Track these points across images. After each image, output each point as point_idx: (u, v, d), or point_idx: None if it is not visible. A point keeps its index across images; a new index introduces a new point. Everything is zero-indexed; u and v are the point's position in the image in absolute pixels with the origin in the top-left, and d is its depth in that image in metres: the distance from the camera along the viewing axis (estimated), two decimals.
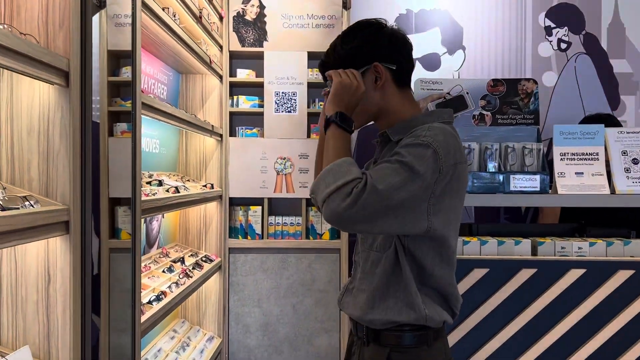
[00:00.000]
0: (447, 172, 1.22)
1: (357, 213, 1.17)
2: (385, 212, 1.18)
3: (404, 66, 1.37)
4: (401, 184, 1.18)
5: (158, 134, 2.85)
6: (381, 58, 1.35)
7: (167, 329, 3.01)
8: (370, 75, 1.35)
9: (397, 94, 1.37)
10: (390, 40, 1.36)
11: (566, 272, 1.83)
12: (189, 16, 2.55)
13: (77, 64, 1.34)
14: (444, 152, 1.22)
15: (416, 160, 1.19)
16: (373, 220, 1.18)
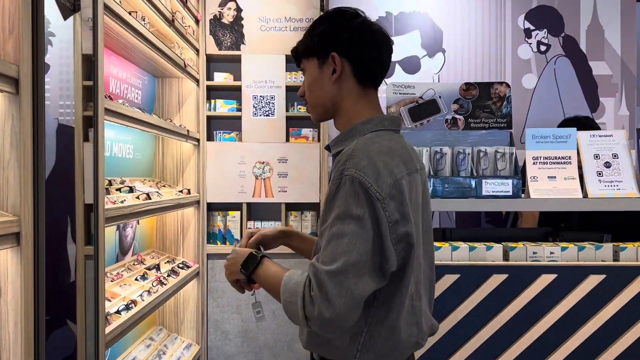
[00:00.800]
0: (390, 194, 1.14)
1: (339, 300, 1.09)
2: (357, 272, 1.10)
3: (365, 62, 1.27)
4: (351, 245, 1.10)
5: (132, 139, 2.81)
6: (339, 49, 1.26)
7: (144, 336, 2.97)
8: (328, 65, 1.28)
9: (354, 91, 1.29)
10: (353, 32, 1.26)
11: (537, 277, 1.82)
12: (160, 20, 2.52)
13: (28, 71, 1.30)
14: (373, 179, 1.13)
15: (350, 206, 1.12)
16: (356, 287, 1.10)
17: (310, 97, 1.33)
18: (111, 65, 2.53)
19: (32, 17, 1.32)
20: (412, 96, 2.15)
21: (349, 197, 1.13)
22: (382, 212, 1.12)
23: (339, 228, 1.12)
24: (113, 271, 2.49)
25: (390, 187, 1.14)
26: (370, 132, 1.25)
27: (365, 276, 1.11)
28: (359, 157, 1.15)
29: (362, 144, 1.19)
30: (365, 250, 1.11)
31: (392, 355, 1.21)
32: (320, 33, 1.30)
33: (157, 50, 2.46)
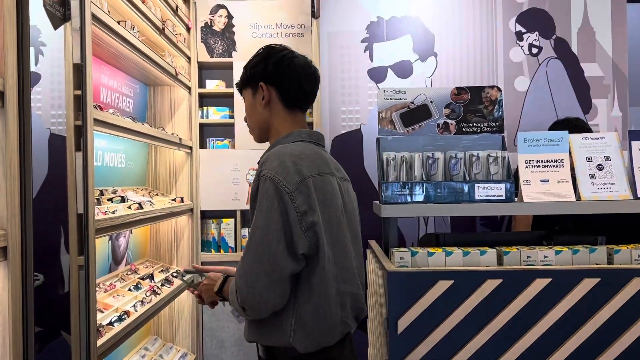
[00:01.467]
0: (298, 189, 1.36)
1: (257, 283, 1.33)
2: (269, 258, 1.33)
3: (287, 89, 1.52)
4: (262, 235, 1.34)
5: (124, 148, 2.79)
6: (266, 79, 1.52)
7: (138, 347, 2.95)
8: (259, 93, 1.53)
9: (282, 114, 1.53)
10: (276, 64, 1.52)
11: (532, 281, 1.80)
12: (150, 28, 2.51)
13: (14, 83, 1.29)
14: (282, 177, 1.35)
15: (262, 202, 1.35)
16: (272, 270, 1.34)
17: (250, 121, 1.59)
18: (102, 75, 2.52)
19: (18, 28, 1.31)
20: (404, 101, 2.14)
21: (264, 193, 1.35)
22: (291, 203, 1.35)
23: (255, 222, 1.35)
24: (106, 282, 2.47)
25: (298, 183, 1.36)
26: (289, 143, 1.49)
27: (277, 258, 1.32)
28: (271, 160, 1.39)
29: (276, 150, 1.44)
30: (276, 237, 1.32)
31: (321, 333, 1.40)
32: (252, 66, 1.56)
33: (147, 59, 2.45)
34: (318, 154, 1.49)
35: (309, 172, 1.40)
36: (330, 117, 3.55)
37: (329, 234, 1.42)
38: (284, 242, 1.34)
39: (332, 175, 1.48)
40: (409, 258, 1.89)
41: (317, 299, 1.39)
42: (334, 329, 1.42)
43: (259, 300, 1.33)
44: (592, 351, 1.81)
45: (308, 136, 1.54)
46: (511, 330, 1.81)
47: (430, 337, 1.81)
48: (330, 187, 1.45)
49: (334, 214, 1.45)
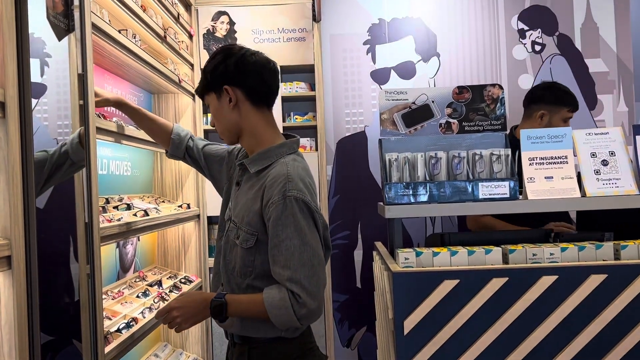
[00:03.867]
0: (318, 205, 1.50)
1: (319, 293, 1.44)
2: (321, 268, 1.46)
3: (255, 88, 1.52)
4: (313, 250, 1.44)
5: (129, 156, 2.81)
6: (229, 81, 1.51)
7: (148, 353, 2.96)
8: (224, 97, 1.52)
9: (254, 114, 1.54)
10: (237, 64, 1.51)
11: (538, 279, 1.79)
12: (152, 36, 2.53)
13: (15, 93, 1.30)
14: (310, 197, 1.46)
15: (300, 220, 1.43)
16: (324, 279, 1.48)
17: (218, 125, 1.58)
18: (105, 84, 2.54)
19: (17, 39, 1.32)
20: (405, 102, 2.14)
21: (297, 213, 1.42)
22: (319, 220, 1.48)
23: (297, 239, 1.42)
24: (114, 289, 2.49)
25: (315, 201, 1.49)
26: (286, 155, 1.54)
27: (324, 268, 1.47)
28: (294, 181, 1.45)
29: (292, 168, 1.48)
30: (320, 250, 1.46)
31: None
32: (211, 70, 1.54)
33: (150, 67, 2.47)
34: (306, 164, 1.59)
35: (315, 190, 1.54)
36: (334, 119, 3.55)
37: None
38: (323, 254, 1.50)
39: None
40: (413, 258, 1.88)
41: None
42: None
43: (318, 306, 1.44)
44: (601, 348, 1.79)
45: (297, 145, 1.61)
46: (518, 329, 1.80)
47: (436, 337, 1.80)
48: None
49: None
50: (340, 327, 3.54)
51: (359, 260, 3.56)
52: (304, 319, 1.42)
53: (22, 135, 1.32)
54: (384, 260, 2.07)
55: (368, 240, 3.53)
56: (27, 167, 1.33)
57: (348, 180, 3.55)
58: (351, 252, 3.56)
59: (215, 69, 1.53)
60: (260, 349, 1.50)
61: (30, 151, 1.34)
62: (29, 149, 1.34)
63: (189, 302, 1.51)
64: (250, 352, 1.51)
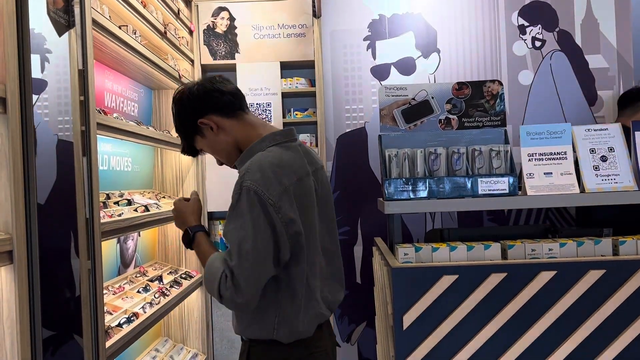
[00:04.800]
0: (281, 199, 1.39)
1: (247, 289, 1.38)
2: (258, 266, 1.39)
3: (220, 105, 1.55)
4: (252, 244, 1.37)
5: (130, 152, 2.82)
6: (198, 116, 1.54)
7: (149, 348, 2.97)
8: (206, 130, 1.55)
9: (235, 124, 1.56)
10: (191, 100, 1.56)
11: (536, 274, 1.80)
12: (152, 32, 2.53)
13: (16, 89, 1.31)
14: (265, 188, 1.38)
15: (248, 212, 1.37)
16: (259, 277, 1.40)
17: (222, 156, 1.60)
18: (105, 80, 2.55)
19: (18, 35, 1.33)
20: (405, 98, 2.15)
21: (248, 204, 1.37)
22: (275, 214, 1.38)
23: (242, 230, 1.38)
24: (115, 284, 2.50)
25: (280, 194, 1.39)
26: (267, 147, 1.50)
27: (265, 266, 1.39)
28: (253, 171, 1.40)
29: (256, 159, 1.44)
30: (264, 247, 1.38)
31: (302, 327, 1.49)
32: (181, 123, 1.59)
33: (150, 63, 2.47)
34: (295, 157, 1.52)
35: (289, 181, 1.43)
36: (335, 115, 3.55)
37: (306, 237, 1.48)
38: (272, 251, 1.40)
39: (308, 176, 1.52)
40: (413, 254, 1.89)
41: (300, 299, 1.48)
42: (312, 322, 1.52)
43: (244, 302, 1.40)
44: (599, 343, 1.80)
45: (283, 137, 1.55)
46: (517, 324, 1.81)
47: (435, 332, 1.81)
48: (308, 190, 1.51)
49: (310, 216, 1.51)
50: (340, 322, 3.55)
51: (359, 256, 3.56)
52: (226, 301, 1.42)
53: (23, 131, 1.33)
54: (383, 256, 2.07)
55: (368, 236, 3.54)
56: (29, 163, 1.34)
57: (348, 176, 3.56)
58: (351, 248, 3.56)
59: (180, 118, 1.59)
60: (259, 348, 1.53)
61: (31, 147, 1.35)
62: (30, 145, 1.35)
63: (181, 213, 1.62)
64: (250, 349, 1.54)
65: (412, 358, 1.81)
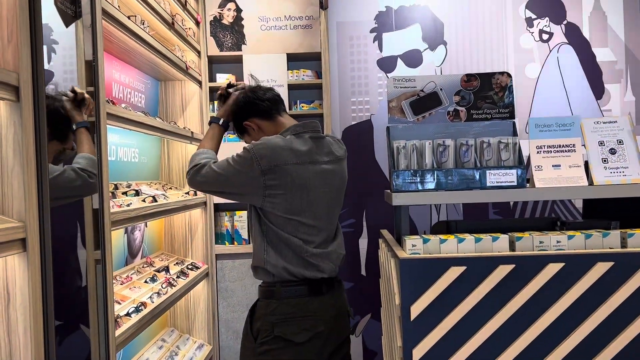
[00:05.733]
0: (270, 170, 1.85)
1: (202, 179, 1.90)
2: (218, 183, 1.90)
3: (259, 111, 2.01)
4: (228, 171, 1.87)
5: (136, 143, 2.83)
6: (243, 119, 2.04)
7: (156, 338, 2.99)
8: (249, 129, 2.03)
9: (270, 124, 2.02)
10: (240, 106, 2.04)
11: (544, 266, 1.80)
12: (160, 23, 2.53)
13: (28, 78, 1.31)
14: (258, 157, 1.85)
15: (240, 160, 1.87)
16: (210, 185, 1.93)
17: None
18: (113, 70, 2.55)
19: (30, 25, 1.33)
20: (413, 89, 2.15)
21: (242, 157, 1.86)
22: (261, 175, 1.84)
23: (230, 162, 1.88)
24: (122, 274, 2.51)
25: (272, 166, 1.85)
26: (286, 136, 1.94)
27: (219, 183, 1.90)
28: (261, 142, 1.88)
29: (270, 138, 1.91)
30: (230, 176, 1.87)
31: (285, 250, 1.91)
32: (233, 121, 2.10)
33: (157, 54, 2.47)
34: (305, 145, 1.93)
35: (285, 160, 1.86)
36: (340, 108, 3.55)
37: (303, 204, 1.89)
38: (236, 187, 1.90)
39: (313, 164, 1.92)
40: (420, 245, 1.89)
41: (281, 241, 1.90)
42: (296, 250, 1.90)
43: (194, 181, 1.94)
44: (607, 335, 1.80)
45: (302, 128, 1.97)
46: (524, 316, 1.81)
47: (443, 323, 1.82)
48: (307, 174, 1.90)
49: (309, 192, 1.91)
50: None
51: (364, 248, 3.57)
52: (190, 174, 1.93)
53: (35, 120, 1.34)
54: (390, 247, 2.08)
55: (373, 229, 3.55)
56: (41, 151, 1.34)
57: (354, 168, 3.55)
58: (356, 240, 3.58)
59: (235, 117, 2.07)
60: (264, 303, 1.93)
61: (44, 135, 1.36)
62: (42, 133, 1.35)
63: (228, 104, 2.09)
64: (256, 304, 1.98)
65: (419, 349, 1.82)
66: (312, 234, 1.93)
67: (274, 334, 1.88)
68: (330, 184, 1.99)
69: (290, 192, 1.87)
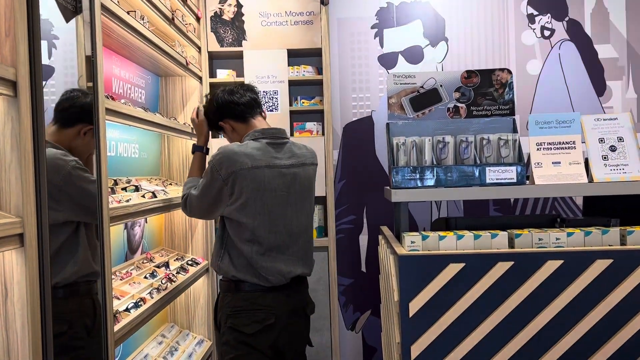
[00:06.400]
0: (229, 177, 1.99)
1: (189, 208, 2.14)
2: (200, 205, 2.10)
3: (234, 114, 2.17)
4: (202, 191, 2.07)
5: (137, 139, 2.82)
6: (218, 119, 2.22)
7: (155, 334, 2.99)
8: (224, 127, 2.22)
9: (243, 126, 2.18)
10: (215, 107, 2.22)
11: (543, 263, 1.80)
12: (160, 18, 2.52)
13: (26, 73, 1.31)
14: (218, 167, 2.01)
15: (206, 175, 2.06)
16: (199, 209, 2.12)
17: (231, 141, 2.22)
18: (113, 66, 2.55)
19: (28, 19, 1.33)
20: (413, 86, 2.14)
21: (206, 171, 2.06)
22: (223, 184, 2.00)
23: (202, 180, 2.07)
24: (122, 270, 2.51)
25: (229, 173, 1.99)
26: (245, 141, 2.10)
27: (201, 205, 2.09)
28: (217, 153, 2.03)
29: (228, 146, 2.07)
30: (204, 195, 2.06)
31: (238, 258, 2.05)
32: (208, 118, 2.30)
33: (157, 49, 2.47)
34: (260, 150, 2.04)
35: (241, 166, 1.99)
36: (341, 104, 3.55)
37: (258, 207, 2.01)
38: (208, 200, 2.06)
39: (270, 167, 2.03)
40: (420, 242, 1.90)
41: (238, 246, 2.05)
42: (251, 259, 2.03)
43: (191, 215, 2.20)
44: (606, 332, 1.81)
45: (261, 134, 2.11)
46: (523, 313, 1.81)
47: (441, 319, 1.82)
48: (262, 177, 2.01)
49: (264, 193, 2.02)
50: (345, 311, 3.57)
51: (364, 245, 3.57)
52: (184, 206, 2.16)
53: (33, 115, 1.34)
54: (389, 244, 2.08)
55: (373, 225, 3.55)
56: (39, 146, 1.34)
57: (354, 165, 3.56)
58: (356, 236, 3.58)
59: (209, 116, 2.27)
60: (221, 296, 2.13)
61: (42, 130, 1.36)
62: (40, 128, 1.35)
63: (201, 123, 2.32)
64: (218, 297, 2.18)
65: (418, 345, 1.82)
66: (266, 238, 2.03)
67: (227, 325, 2.04)
68: (291, 187, 2.07)
69: (247, 196, 1.99)
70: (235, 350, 2.01)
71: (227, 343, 2.04)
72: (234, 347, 2.01)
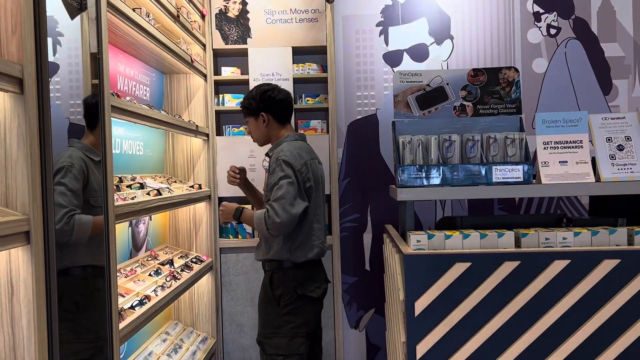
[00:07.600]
0: (302, 169, 2.28)
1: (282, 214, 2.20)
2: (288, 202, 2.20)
3: (277, 113, 2.44)
4: (284, 188, 2.22)
5: (141, 136, 2.82)
6: (262, 110, 2.43)
7: (159, 331, 3.00)
8: (260, 118, 2.44)
9: (277, 128, 2.46)
10: (264, 99, 2.42)
11: (550, 263, 1.79)
12: (165, 15, 2.51)
13: (32, 70, 1.31)
14: (292, 159, 2.27)
15: (284, 172, 2.24)
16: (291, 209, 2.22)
17: (255, 135, 2.52)
18: (118, 63, 2.54)
19: (34, 16, 1.32)
20: (419, 84, 2.13)
21: (283, 168, 2.25)
22: (299, 175, 2.26)
23: (281, 183, 2.23)
24: (127, 267, 2.51)
25: (301, 164, 2.29)
26: (291, 140, 2.39)
27: (294, 203, 2.21)
28: (285, 150, 2.30)
29: (285, 144, 2.35)
30: (293, 190, 2.22)
31: (306, 250, 2.33)
32: (251, 99, 2.46)
33: (163, 47, 2.46)
34: (307, 147, 2.42)
35: (304, 158, 2.32)
36: (346, 102, 3.54)
37: (314, 195, 2.34)
38: (297, 193, 2.23)
39: (313, 160, 2.39)
40: (425, 241, 1.89)
41: (306, 232, 2.32)
42: (312, 248, 2.34)
43: (281, 223, 2.18)
44: (613, 333, 1.79)
45: (299, 137, 2.47)
46: (529, 313, 1.80)
47: (447, 319, 1.81)
48: (316, 167, 2.39)
49: (318, 183, 2.39)
50: (349, 309, 3.56)
51: (368, 243, 3.56)
52: (271, 228, 2.21)
53: (39, 112, 1.33)
54: (395, 243, 2.07)
55: (378, 224, 3.53)
56: (45, 144, 1.34)
57: (358, 163, 3.55)
58: (360, 235, 3.57)
59: (253, 101, 2.44)
60: (279, 273, 2.34)
61: (48, 128, 1.35)
62: (46, 126, 1.35)
63: (228, 205, 2.45)
64: (272, 276, 2.35)
65: (423, 344, 1.81)
66: (320, 222, 2.39)
67: (297, 294, 2.32)
68: (322, 180, 2.49)
69: (310, 185, 2.33)
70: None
71: (292, 311, 2.33)
72: (303, 311, 2.34)
